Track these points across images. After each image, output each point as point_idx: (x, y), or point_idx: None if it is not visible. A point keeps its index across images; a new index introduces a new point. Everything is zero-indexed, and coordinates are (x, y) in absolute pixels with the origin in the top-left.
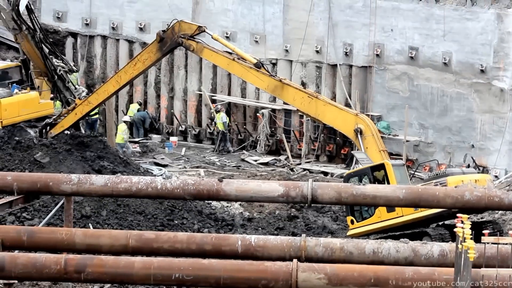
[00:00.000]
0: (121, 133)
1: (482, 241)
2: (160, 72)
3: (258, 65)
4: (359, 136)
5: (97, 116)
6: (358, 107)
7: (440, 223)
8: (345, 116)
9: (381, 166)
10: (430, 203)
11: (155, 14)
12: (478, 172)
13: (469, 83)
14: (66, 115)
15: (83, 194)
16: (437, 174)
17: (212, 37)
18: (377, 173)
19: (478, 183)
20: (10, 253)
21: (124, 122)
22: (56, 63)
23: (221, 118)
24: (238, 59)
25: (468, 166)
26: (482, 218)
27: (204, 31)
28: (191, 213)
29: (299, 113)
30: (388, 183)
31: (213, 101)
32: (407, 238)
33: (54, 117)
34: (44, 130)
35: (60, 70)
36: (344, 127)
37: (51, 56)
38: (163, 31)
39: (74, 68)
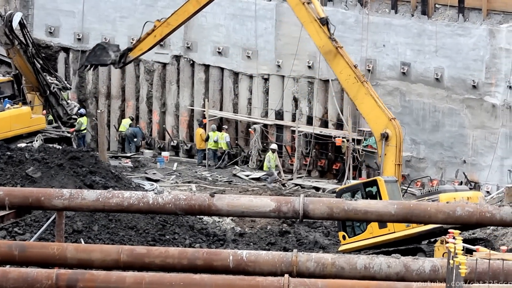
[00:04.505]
0: (267, 162)
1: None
2: (152, 87)
3: (324, 22)
4: (383, 140)
5: (85, 131)
6: (350, 123)
7: (432, 240)
8: (380, 115)
9: (374, 182)
10: (421, 218)
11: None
12: (470, 188)
13: (461, 99)
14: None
15: (75, 209)
16: (429, 191)
17: None
18: (369, 189)
19: (470, 200)
20: (1, 268)
21: (272, 150)
22: (50, 81)
23: (225, 138)
24: (308, 3)
25: (461, 183)
26: (473, 233)
27: None
28: (182, 228)
29: (291, 129)
30: (381, 199)
31: (203, 116)
32: (401, 254)
33: (134, 43)
34: (124, 54)
35: (54, 88)
36: (374, 125)
37: (44, 73)
38: None
39: (68, 85)
